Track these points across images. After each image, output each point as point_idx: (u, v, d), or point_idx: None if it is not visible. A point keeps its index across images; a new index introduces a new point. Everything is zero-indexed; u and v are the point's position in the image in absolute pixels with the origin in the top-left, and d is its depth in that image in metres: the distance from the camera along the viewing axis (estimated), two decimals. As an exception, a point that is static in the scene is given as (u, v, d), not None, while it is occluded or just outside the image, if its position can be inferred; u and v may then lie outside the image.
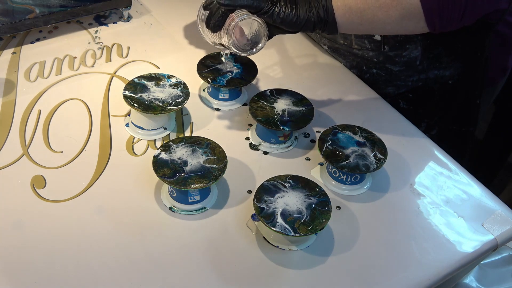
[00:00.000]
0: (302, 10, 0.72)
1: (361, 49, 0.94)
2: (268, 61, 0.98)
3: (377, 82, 0.95)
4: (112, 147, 0.79)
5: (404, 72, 0.93)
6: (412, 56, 0.90)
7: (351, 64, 0.98)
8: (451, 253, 0.70)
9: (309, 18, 0.73)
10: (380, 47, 0.92)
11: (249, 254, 0.67)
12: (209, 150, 0.71)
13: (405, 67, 0.92)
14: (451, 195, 0.77)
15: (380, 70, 0.95)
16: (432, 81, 0.93)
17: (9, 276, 0.62)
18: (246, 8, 0.72)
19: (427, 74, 0.93)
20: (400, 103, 0.96)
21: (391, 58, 0.92)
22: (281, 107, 0.80)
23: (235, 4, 0.71)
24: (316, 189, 0.69)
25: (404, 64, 0.92)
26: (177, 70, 0.92)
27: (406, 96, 0.96)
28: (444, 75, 0.93)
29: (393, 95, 0.96)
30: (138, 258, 0.65)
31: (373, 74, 0.96)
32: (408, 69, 0.93)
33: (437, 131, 0.96)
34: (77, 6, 0.96)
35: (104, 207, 0.70)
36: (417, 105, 0.97)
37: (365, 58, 0.95)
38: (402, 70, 0.93)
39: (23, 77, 0.89)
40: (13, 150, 0.76)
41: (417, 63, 0.91)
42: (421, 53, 0.90)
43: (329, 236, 0.70)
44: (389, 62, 0.93)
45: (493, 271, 0.95)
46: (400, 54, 0.91)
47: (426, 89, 0.95)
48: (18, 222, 0.67)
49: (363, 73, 0.96)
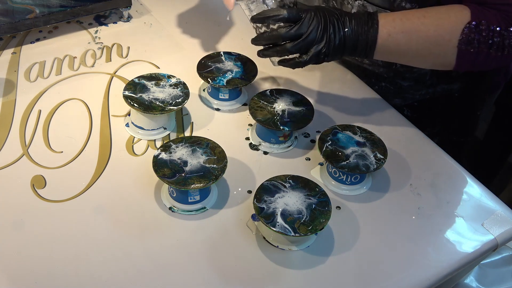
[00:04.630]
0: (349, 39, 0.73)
1: (372, 64, 0.94)
2: (268, 61, 0.98)
3: (385, 94, 0.94)
4: (112, 147, 0.79)
5: (413, 87, 0.93)
6: (422, 72, 0.91)
7: (360, 76, 0.97)
8: (451, 253, 0.70)
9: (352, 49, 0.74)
10: (391, 64, 0.92)
11: (249, 254, 0.67)
12: (209, 150, 0.71)
13: (414, 82, 0.92)
14: (451, 195, 0.77)
15: (389, 84, 0.95)
16: (439, 93, 0.94)
17: (9, 276, 0.62)
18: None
19: (435, 88, 0.93)
20: (404, 110, 0.96)
21: (402, 73, 0.92)
22: (281, 107, 0.80)
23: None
24: (316, 189, 0.69)
25: (414, 79, 0.92)
26: (177, 70, 0.92)
27: (412, 104, 0.96)
28: (452, 89, 0.93)
29: (399, 105, 0.96)
30: (138, 258, 0.65)
31: (381, 87, 0.96)
32: (417, 84, 0.93)
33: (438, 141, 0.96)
34: (77, 6, 0.96)
35: (104, 207, 0.70)
36: (421, 114, 0.97)
37: (375, 73, 0.95)
38: (411, 85, 0.93)
39: (23, 77, 0.89)
40: (13, 150, 0.76)
41: (427, 78, 0.92)
42: (432, 70, 0.90)
43: (329, 236, 0.70)
44: (399, 77, 0.93)
45: (493, 271, 0.95)
46: (411, 70, 0.91)
47: (432, 100, 0.95)
48: (18, 222, 0.67)
49: (372, 85, 0.96)
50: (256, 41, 0.76)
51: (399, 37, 0.72)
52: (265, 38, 0.74)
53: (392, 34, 0.72)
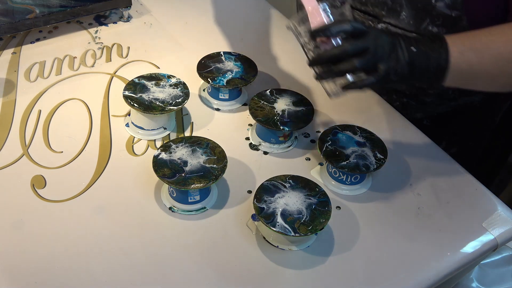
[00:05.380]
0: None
1: None
2: (268, 61, 0.98)
3: (406, 109, 0.92)
4: (112, 147, 0.79)
5: (435, 102, 0.91)
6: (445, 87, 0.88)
7: (381, 91, 0.95)
8: (451, 253, 0.70)
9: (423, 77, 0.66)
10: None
11: (249, 254, 0.67)
12: (209, 150, 0.71)
13: (437, 97, 0.90)
14: (451, 195, 0.77)
15: (411, 100, 0.92)
16: (461, 106, 0.92)
17: (9, 276, 0.62)
18: None
19: (457, 101, 0.91)
20: (424, 120, 0.95)
21: (425, 90, 0.90)
22: (281, 107, 0.80)
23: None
24: (316, 189, 0.68)
25: (437, 94, 0.90)
26: (177, 70, 0.92)
27: (431, 115, 0.95)
28: (473, 101, 0.91)
29: (420, 118, 0.94)
30: (138, 258, 0.65)
31: (403, 103, 0.93)
32: (440, 99, 0.90)
33: (457, 149, 0.93)
34: (77, 6, 0.96)
35: (104, 207, 0.70)
36: (440, 124, 0.95)
37: (397, 90, 0.93)
38: (434, 100, 0.91)
39: (23, 77, 0.89)
40: (13, 150, 0.76)
41: (450, 93, 0.89)
42: None
43: (329, 236, 0.70)
44: (422, 94, 0.91)
45: (493, 271, 0.95)
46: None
47: (453, 112, 0.93)
48: (18, 222, 0.67)
49: (393, 101, 0.93)
50: (316, 62, 0.67)
51: (470, 55, 0.64)
52: (327, 56, 0.65)
53: (463, 52, 0.64)
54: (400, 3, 0.77)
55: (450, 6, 0.74)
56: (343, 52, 0.63)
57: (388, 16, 0.79)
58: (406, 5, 0.76)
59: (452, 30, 0.74)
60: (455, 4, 0.73)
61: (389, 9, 0.79)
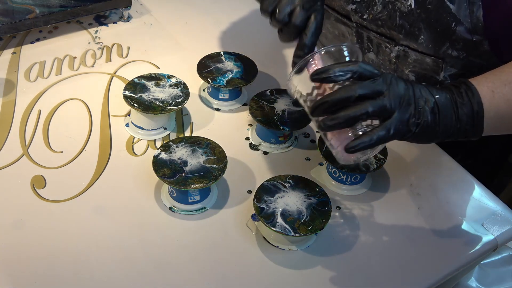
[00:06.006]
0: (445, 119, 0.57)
1: None
2: (268, 61, 0.98)
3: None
4: (112, 147, 0.79)
5: None
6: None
7: None
8: (451, 253, 0.70)
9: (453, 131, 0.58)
10: None
11: (249, 254, 0.67)
12: (209, 150, 0.71)
13: None
14: (451, 195, 0.77)
15: None
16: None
17: (9, 276, 0.62)
18: None
19: None
20: None
21: None
22: (281, 107, 0.80)
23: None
24: (316, 189, 0.69)
25: None
26: (177, 70, 0.92)
27: None
28: None
29: None
30: (138, 258, 0.65)
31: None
32: None
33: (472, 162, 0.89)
34: (77, 6, 0.96)
35: (104, 207, 0.70)
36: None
37: None
38: None
39: (23, 77, 0.89)
40: (13, 150, 0.76)
41: None
42: None
43: (329, 236, 0.70)
44: None
45: (493, 271, 0.95)
46: None
47: None
48: (18, 222, 0.67)
49: None
50: (317, 109, 0.56)
51: (505, 91, 0.58)
52: (334, 100, 0.54)
53: (495, 90, 0.57)
54: (419, 26, 0.73)
55: (470, 30, 0.70)
56: (350, 93, 0.53)
57: (405, 39, 0.76)
58: (425, 29, 0.73)
59: (473, 54, 0.72)
60: (476, 29, 0.69)
61: (406, 32, 0.75)
